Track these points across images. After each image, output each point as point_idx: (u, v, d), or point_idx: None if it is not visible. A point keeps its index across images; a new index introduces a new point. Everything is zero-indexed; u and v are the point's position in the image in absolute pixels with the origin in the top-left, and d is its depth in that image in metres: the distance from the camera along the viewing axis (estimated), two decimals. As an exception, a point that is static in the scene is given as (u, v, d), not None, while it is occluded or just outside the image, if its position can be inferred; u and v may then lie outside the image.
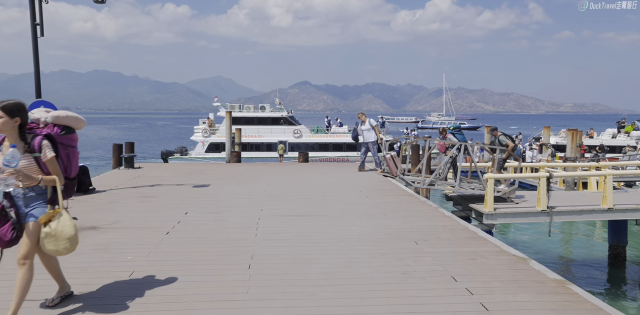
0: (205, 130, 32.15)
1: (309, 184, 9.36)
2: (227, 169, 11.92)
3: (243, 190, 8.38)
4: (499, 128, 11.72)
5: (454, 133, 11.06)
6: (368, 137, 11.57)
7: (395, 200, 7.46)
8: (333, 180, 9.92)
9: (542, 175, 9.66)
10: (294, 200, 7.43)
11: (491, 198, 9.65)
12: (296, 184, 9.37)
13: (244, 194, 8.00)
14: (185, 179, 9.76)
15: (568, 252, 12.77)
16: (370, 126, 11.62)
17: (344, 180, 9.97)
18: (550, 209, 9.71)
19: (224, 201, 7.32)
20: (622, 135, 34.43)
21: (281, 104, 34.25)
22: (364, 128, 11.58)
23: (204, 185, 8.90)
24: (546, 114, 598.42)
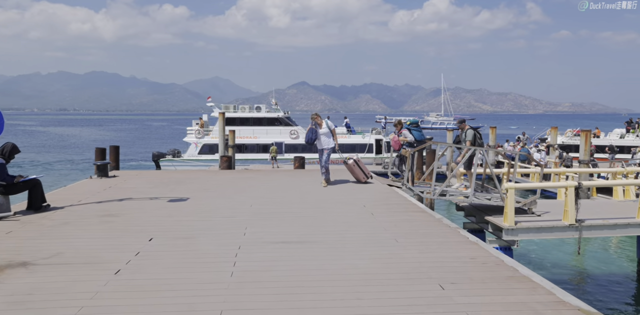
0: (198, 131, 30.93)
1: (303, 196, 8.15)
2: (214, 178, 10.70)
3: (226, 206, 7.16)
4: (498, 128, 10.77)
5: (410, 128, 10.07)
6: (326, 143, 9.74)
7: (405, 218, 6.26)
8: (331, 191, 8.72)
9: (569, 184, 8.47)
10: (285, 220, 6.22)
11: (512, 210, 8.46)
12: (289, 196, 8.16)
13: (227, 211, 6.78)
14: (163, 190, 8.54)
15: (590, 267, 11.58)
16: (328, 129, 9.80)
17: (344, 191, 8.77)
18: (579, 223, 8.53)
19: (201, 221, 6.11)
20: (631, 135, 33.31)
21: (277, 104, 33.04)
22: (321, 132, 9.75)
23: (182, 199, 7.68)
24: (544, 114, 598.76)
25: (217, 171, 12.71)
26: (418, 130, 10.25)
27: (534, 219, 8.87)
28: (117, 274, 4.00)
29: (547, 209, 9.59)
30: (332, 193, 8.44)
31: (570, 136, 33.13)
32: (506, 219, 8.49)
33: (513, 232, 8.46)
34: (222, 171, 12.75)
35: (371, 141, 29.73)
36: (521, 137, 32.95)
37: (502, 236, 8.57)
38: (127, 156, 41.06)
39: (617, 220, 8.68)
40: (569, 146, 30.69)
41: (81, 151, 46.10)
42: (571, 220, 8.46)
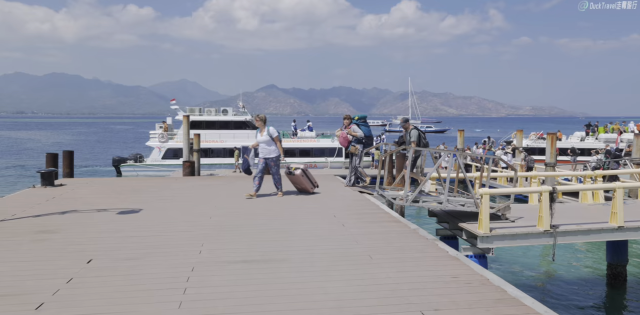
0: (162, 135, 29.74)
1: (270, 205, 7.57)
2: (173, 185, 9.95)
3: (184, 218, 6.50)
4: (466, 131, 10.53)
5: (359, 124, 9.77)
6: (269, 151, 8.60)
7: (379, 230, 5.78)
8: (300, 199, 8.17)
9: (544, 189, 8.24)
10: (248, 233, 5.63)
11: (486, 217, 8.14)
12: (254, 206, 7.56)
13: (183, 225, 6.12)
14: (113, 200, 7.76)
15: (560, 272, 11.49)
16: (269, 137, 8.53)
17: (313, 199, 8.24)
18: (554, 229, 8.31)
19: (153, 237, 5.44)
20: (590, 138, 34.37)
21: (245, 107, 32.23)
22: (261, 139, 8.57)
23: (134, 210, 6.95)
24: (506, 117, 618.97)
25: (178, 178, 11.93)
26: (366, 125, 9.89)
27: (508, 225, 8.60)
28: (38, 309, 3.31)
29: (520, 214, 9.36)
30: (301, 202, 7.89)
31: (534, 139, 33.87)
32: (481, 226, 8.17)
33: (488, 240, 8.15)
34: (184, 178, 11.99)
35: (340, 145, 29.39)
36: (487, 140, 33.43)
37: (476, 244, 8.25)
38: (85, 161, 39.19)
39: (590, 225, 8.51)
40: (532, 149, 31.32)
41: (36, 156, 43.69)
42: (546, 226, 8.22)
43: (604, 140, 32.96)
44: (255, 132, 8.86)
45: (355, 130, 9.55)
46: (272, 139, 8.58)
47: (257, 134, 8.65)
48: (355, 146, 9.56)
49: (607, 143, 32.49)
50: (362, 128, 9.65)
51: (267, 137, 8.49)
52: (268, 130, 8.53)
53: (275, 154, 8.58)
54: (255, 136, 8.74)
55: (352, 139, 9.58)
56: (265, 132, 8.52)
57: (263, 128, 8.56)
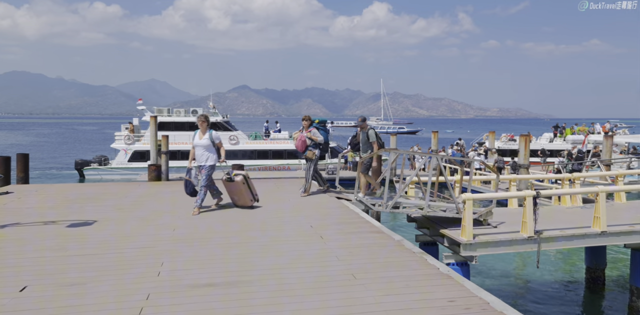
0: (128, 136, 28.49)
1: (241, 215, 6.95)
2: (136, 191, 9.17)
3: (143, 232, 5.81)
4: (439, 132, 10.20)
5: (319, 128, 9.07)
6: (205, 158, 7.26)
7: (361, 242, 5.27)
8: (273, 207, 7.56)
9: (528, 194, 7.95)
10: (215, 249, 5.01)
11: (470, 224, 7.77)
12: (224, 215, 6.92)
13: (142, 239, 5.44)
14: (65, 211, 6.97)
15: (539, 276, 11.31)
16: (210, 141, 7.26)
17: (288, 207, 7.65)
18: (538, 235, 8.02)
19: (104, 255, 4.75)
20: (558, 139, 35.06)
21: (215, 107, 31.27)
22: (200, 142, 7.28)
23: (87, 222, 6.20)
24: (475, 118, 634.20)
25: (141, 183, 11.10)
26: (325, 130, 9.26)
27: (491, 232, 8.26)
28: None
29: (501, 219, 9.07)
30: (274, 210, 7.29)
31: (505, 141, 34.28)
32: (464, 232, 7.79)
33: (471, 247, 7.78)
34: (149, 183, 11.17)
35: (314, 146, 28.84)
36: (458, 142, 33.62)
37: (459, 251, 7.87)
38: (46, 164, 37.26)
39: (574, 230, 8.27)
40: (503, 150, 31.67)
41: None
42: (530, 233, 7.92)
43: (571, 142, 33.68)
44: (194, 133, 7.46)
45: (316, 134, 8.88)
46: (213, 144, 7.32)
47: (195, 136, 7.35)
48: (313, 151, 8.85)
49: (574, 144, 33.23)
50: (321, 132, 9.00)
51: (208, 141, 7.22)
52: (210, 134, 7.26)
53: (212, 162, 7.28)
54: (192, 138, 7.42)
55: (311, 143, 8.86)
56: (207, 135, 7.25)
57: (205, 130, 7.30)
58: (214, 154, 7.34)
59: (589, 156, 29.26)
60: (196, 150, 7.32)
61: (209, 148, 7.26)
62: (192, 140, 7.49)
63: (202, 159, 7.28)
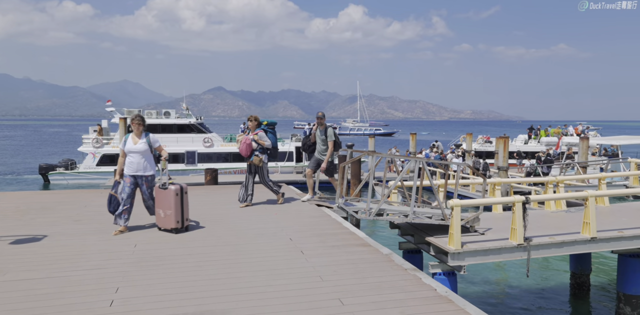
0: (96, 139, 27.26)
1: (212, 226, 6.33)
2: (97, 200, 8.40)
3: (99, 248, 5.13)
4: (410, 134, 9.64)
5: (267, 130, 8.07)
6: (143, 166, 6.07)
7: (346, 258, 4.74)
8: (248, 216, 6.97)
9: (517, 199, 7.60)
10: (181, 269, 4.40)
11: (458, 232, 7.36)
12: (192, 227, 6.28)
13: (97, 258, 4.77)
14: (12, 224, 6.20)
15: (522, 281, 11.05)
16: (147, 146, 6.06)
17: (264, 215, 7.07)
18: (528, 242, 7.68)
19: (50, 280, 4.07)
20: (533, 141, 35.49)
21: (189, 109, 30.30)
22: (135, 148, 6.02)
23: (36, 237, 5.47)
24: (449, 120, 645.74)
25: (104, 191, 10.29)
26: (274, 133, 8.21)
27: (479, 239, 7.88)
28: None
29: (487, 224, 8.72)
30: (250, 220, 6.69)
31: (481, 143, 34.47)
32: (452, 241, 7.38)
33: (459, 257, 7.36)
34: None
35: (291, 149, 28.28)
36: (435, 144, 33.62)
37: (447, 261, 7.45)
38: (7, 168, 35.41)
39: (563, 237, 7.96)
40: (480, 152, 31.81)
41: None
42: (519, 240, 7.57)
43: (545, 144, 34.14)
44: (124, 138, 6.17)
45: (263, 138, 7.85)
46: (152, 150, 6.12)
47: (129, 141, 6.12)
48: (260, 157, 7.80)
49: (549, 146, 33.69)
50: (269, 136, 7.98)
51: (145, 146, 5.99)
52: (148, 137, 6.07)
53: (152, 172, 6.13)
54: (124, 143, 6.12)
55: (257, 147, 7.82)
56: (143, 139, 6.03)
57: (140, 133, 6.07)
58: (153, 161, 6.21)
59: (563, 158, 29.67)
60: (131, 157, 6.00)
61: (147, 154, 6.06)
62: (121, 146, 6.11)
63: (140, 168, 5.98)
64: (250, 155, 7.79)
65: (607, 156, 30.50)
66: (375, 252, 4.96)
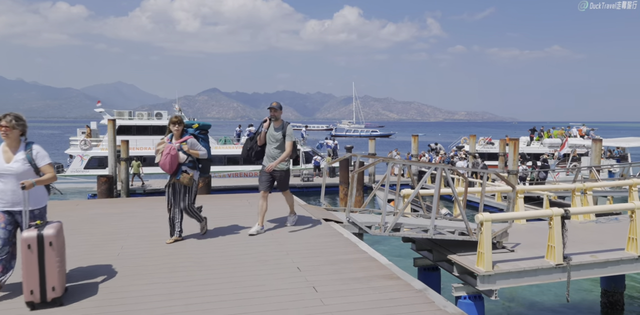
0: (84, 141, 26.09)
1: (201, 247, 5.26)
2: (72, 214, 7.30)
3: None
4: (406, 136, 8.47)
5: (198, 136, 5.82)
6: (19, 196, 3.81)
7: (371, 299, 3.69)
8: (245, 235, 5.90)
9: (555, 212, 6.60)
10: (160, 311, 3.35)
11: (489, 251, 6.36)
12: (179, 250, 5.21)
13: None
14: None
15: (547, 299, 10.05)
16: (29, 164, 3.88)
17: (264, 234, 6.01)
18: (568, 262, 6.68)
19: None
20: (535, 143, 34.65)
21: (181, 110, 29.18)
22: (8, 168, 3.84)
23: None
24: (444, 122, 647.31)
25: (83, 202, 9.15)
26: (207, 140, 5.96)
27: (509, 258, 6.87)
28: None
29: (513, 239, 7.73)
30: (247, 241, 5.61)
31: (483, 144, 33.57)
32: (481, 261, 6.37)
33: (490, 279, 6.37)
34: (94, 202, 9.28)
35: (288, 151, 27.19)
36: (434, 145, 32.65)
37: (475, 284, 6.44)
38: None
39: (606, 255, 6.97)
40: (482, 154, 30.91)
41: None
42: (558, 259, 6.57)
43: (548, 145, 33.29)
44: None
45: (195, 146, 5.56)
46: (36, 169, 3.89)
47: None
48: (189, 174, 5.48)
49: (552, 148, 32.84)
50: (202, 144, 5.73)
51: (24, 165, 3.86)
52: (31, 150, 3.91)
53: (42, 204, 4.00)
54: None
55: (186, 160, 5.46)
56: (22, 153, 3.89)
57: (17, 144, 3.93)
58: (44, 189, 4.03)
59: (569, 160, 28.79)
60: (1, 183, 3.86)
61: (28, 174, 3.85)
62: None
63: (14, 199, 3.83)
64: (176, 172, 5.45)
65: (612, 158, 29.67)
66: (407, 288, 3.92)
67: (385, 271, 4.36)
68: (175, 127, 5.50)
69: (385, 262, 4.65)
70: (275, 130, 6.17)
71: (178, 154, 5.41)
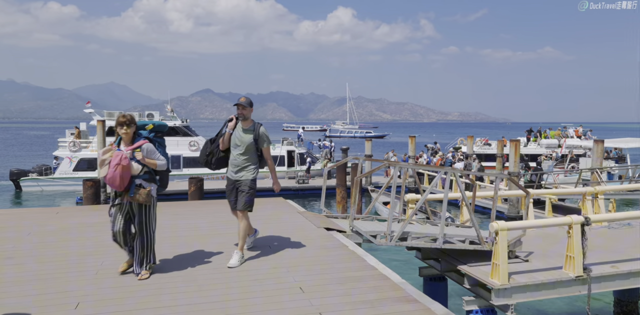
0: (73, 143, 25.37)
1: (188, 262, 4.71)
2: (47, 226, 6.69)
3: (25, 304, 3.50)
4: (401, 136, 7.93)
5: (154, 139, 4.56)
6: None
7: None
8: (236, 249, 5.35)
9: (575, 220, 6.12)
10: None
11: (505, 262, 5.87)
12: (163, 266, 4.65)
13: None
14: None
15: (557, 307, 9.58)
16: None
17: (261, 246, 5.46)
18: (588, 274, 6.20)
19: None
20: (532, 143, 34.38)
21: (173, 111, 28.52)
22: None
23: None
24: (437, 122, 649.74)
25: (65, 210, 8.53)
26: (164, 145, 4.70)
27: (524, 269, 6.39)
28: None
29: (525, 247, 7.24)
30: (244, 254, 5.07)
31: (480, 145, 33.23)
32: (496, 273, 5.87)
33: (506, 293, 5.87)
34: (78, 209, 8.67)
35: (282, 153, 26.67)
36: (432, 146, 32.25)
37: (489, 298, 5.94)
38: None
39: (628, 265, 6.50)
40: (479, 155, 30.56)
41: None
42: (578, 271, 6.09)
43: (545, 146, 33.04)
44: None
45: (152, 154, 4.41)
46: None
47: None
48: (146, 189, 4.35)
49: (549, 148, 32.57)
50: (159, 150, 4.53)
51: None
52: None
53: None
54: None
55: (140, 172, 4.35)
56: None
57: None
58: None
59: (567, 161, 28.50)
60: None
61: None
62: None
63: None
64: (128, 187, 4.29)
65: (610, 159, 29.41)
66: (427, 313, 3.40)
67: (399, 293, 3.84)
68: (124, 129, 4.25)
69: (398, 280, 4.14)
70: (243, 132, 5.00)
71: (131, 164, 4.19)
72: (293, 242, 5.57)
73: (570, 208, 14.15)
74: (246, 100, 5.09)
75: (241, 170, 5.02)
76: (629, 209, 18.74)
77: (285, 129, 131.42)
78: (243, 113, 5.01)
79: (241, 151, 5.00)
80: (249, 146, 4.99)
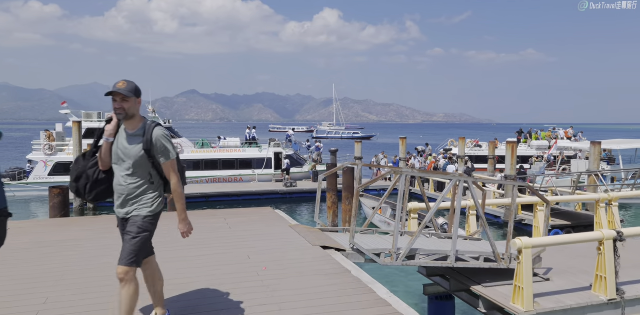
0: (48, 146, 24.06)
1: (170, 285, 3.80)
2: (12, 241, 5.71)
3: None
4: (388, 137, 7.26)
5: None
6: None
7: None
8: (223, 276, 4.46)
9: (607, 235, 5.37)
10: None
11: (529, 285, 5.09)
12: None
13: None
14: None
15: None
16: None
17: (248, 273, 4.58)
18: (621, 296, 5.46)
19: None
20: (523, 145, 34.00)
21: (155, 111, 27.37)
22: None
23: None
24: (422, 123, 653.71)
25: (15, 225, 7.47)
26: None
27: (548, 289, 5.63)
28: None
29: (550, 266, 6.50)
30: (224, 286, 4.18)
31: (471, 147, 32.71)
32: (519, 297, 5.09)
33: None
34: (43, 223, 7.64)
35: (270, 155, 25.73)
36: (423, 148, 31.63)
37: (511, 325, 5.16)
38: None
39: (663, 283, 5.78)
40: (470, 157, 30.03)
41: None
42: (611, 294, 5.34)
43: (536, 148, 32.67)
44: None
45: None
46: None
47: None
48: None
49: (539, 150, 32.19)
50: None
51: None
52: None
53: None
54: None
55: None
56: None
57: None
58: None
59: (558, 163, 28.10)
60: None
61: None
62: None
63: None
64: None
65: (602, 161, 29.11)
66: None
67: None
68: None
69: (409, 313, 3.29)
70: (127, 139, 3.20)
71: None
72: (285, 268, 4.69)
73: (572, 214, 13.52)
74: (127, 85, 3.21)
75: (129, 202, 3.17)
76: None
77: (272, 130, 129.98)
78: (123, 107, 3.15)
79: (127, 171, 3.16)
80: (139, 161, 3.14)
